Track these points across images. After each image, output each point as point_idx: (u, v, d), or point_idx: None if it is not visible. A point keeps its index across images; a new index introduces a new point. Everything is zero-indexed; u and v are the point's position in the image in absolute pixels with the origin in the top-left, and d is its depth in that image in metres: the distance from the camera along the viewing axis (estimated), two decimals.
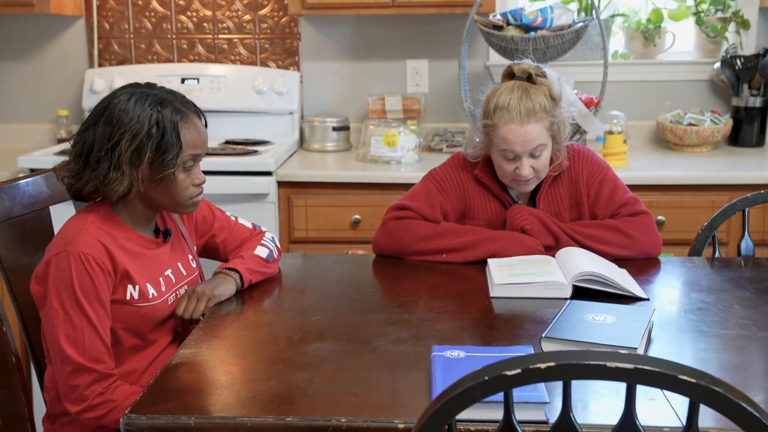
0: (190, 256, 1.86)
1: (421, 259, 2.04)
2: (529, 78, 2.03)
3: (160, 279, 1.72)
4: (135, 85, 1.69)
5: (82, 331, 1.57)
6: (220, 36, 3.45)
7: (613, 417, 1.10)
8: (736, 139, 3.33)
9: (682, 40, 3.46)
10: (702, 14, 3.35)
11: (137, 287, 1.65)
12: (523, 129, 1.96)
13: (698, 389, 1.01)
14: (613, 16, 3.40)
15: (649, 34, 3.38)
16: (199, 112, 1.72)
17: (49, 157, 2.91)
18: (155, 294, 1.69)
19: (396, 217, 2.08)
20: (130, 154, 1.59)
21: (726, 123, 3.24)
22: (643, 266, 2.01)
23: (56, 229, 1.86)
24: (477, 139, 2.09)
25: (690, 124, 3.21)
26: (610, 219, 2.07)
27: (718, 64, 3.33)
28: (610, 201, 2.08)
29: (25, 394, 1.70)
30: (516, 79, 2.03)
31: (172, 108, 1.64)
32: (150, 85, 1.70)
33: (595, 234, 2.03)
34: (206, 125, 1.74)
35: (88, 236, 1.61)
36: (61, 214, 2.00)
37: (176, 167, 1.64)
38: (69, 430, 1.67)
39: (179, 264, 1.80)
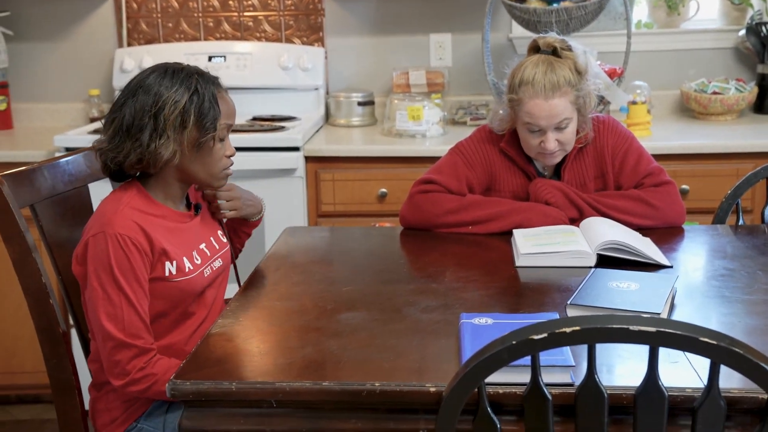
0: (220, 231, 1.92)
1: (447, 231, 2.09)
2: (554, 52, 2.04)
3: (194, 252, 1.77)
4: (164, 64, 1.74)
5: (120, 309, 1.62)
6: (246, 13, 3.49)
7: (637, 379, 1.14)
8: (761, 106, 3.32)
9: (707, 8, 3.44)
10: None
11: (174, 262, 1.71)
12: (548, 103, 1.98)
13: (719, 350, 1.05)
14: None
15: (672, 2, 3.37)
16: (224, 88, 1.79)
17: (83, 135, 2.98)
18: (191, 267, 1.75)
19: (422, 191, 2.12)
20: (174, 118, 1.65)
21: (751, 91, 3.23)
22: (666, 234, 2.03)
23: (95, 205, 1.93)
24: (502, 112, 2.12)
25: (714, 93, 3.21)
26: (634, 189, 2.10)
27: (743, 32, 3.31)
28: (635, 171, 2.10)
29: (70, 363, 1.77)
30: (541, 53, 2.06)
31: (206, 79, 1.72)
32: (178, 63, 1.76)
33: (619, 204, 2.06)
34: None
35: (124, 217, 1.65)
36: (100, 190, 2.06)
37: (217, 131, 1.70)
38: (114, 398, 1.74)
39: (212, 238, 1.86)
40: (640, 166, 2.11)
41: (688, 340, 1.05)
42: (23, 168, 1.79)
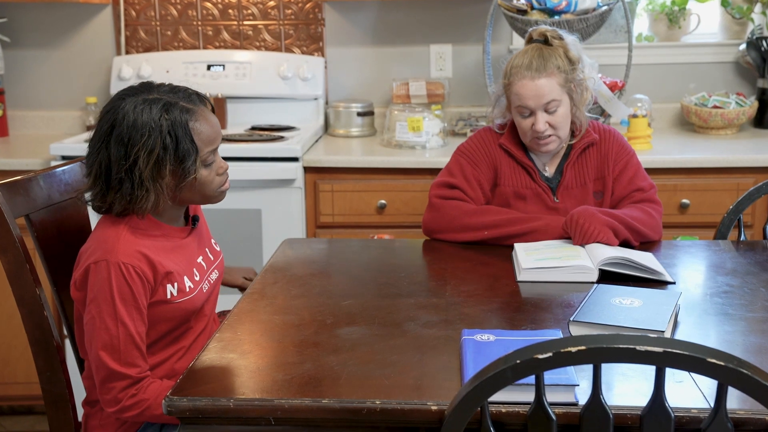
0: (213, 240, 1.90)
1: (467, 238, 2.08)
2: (545, 41, 2.12)
3: (194, 269, 1.75)
4: (134, 92, 1.64)
5: (117, 339, 1.58)
6: (245, 22, 3.48)
7: (641, 399, 1.13)
8: (761, 121, 3.31)
9: (707, 22, 3.44)
10: None
11: (176, 284, 1.67)
12: (534, 83, 2.04)
13: (726, 372, 1.03)
14: None
15: (673, 16, 3.37)
16: (205, 101, 1.69)
17: (80, 144, 2.96)
18: (191, 286, 1.72)
19: (441, 196, 2.14)
20: (150, 170, 1.58)
21: (751, 105, 3.23)
22: (667, 250, 2.02)
23: (92, 215, 1.91)
24: (498, 103, 2.18)
25: (715, 107, 3.20)
26: (638, 204, 2.11)
27: (743, 46, 3.31)
28: (630, 182, 2.16)
29: (64, 376, 1.75)
30: (533, 42, 2.14)
31: (179, 109, 1.61)
32: (148, 88, 1.65)
33: (643, 218, 2.07)
34: (213, 111, 1.71)
35: (127, 244, 1.61)
36: None
37: (197, 169, 1.64)
38: (107, 414, 1.70)
39: (207, 249, 1.84)
40: (635, 179, 2.16)
41: (695, 360, 1.03)
42: (18, 178, 1.77)
